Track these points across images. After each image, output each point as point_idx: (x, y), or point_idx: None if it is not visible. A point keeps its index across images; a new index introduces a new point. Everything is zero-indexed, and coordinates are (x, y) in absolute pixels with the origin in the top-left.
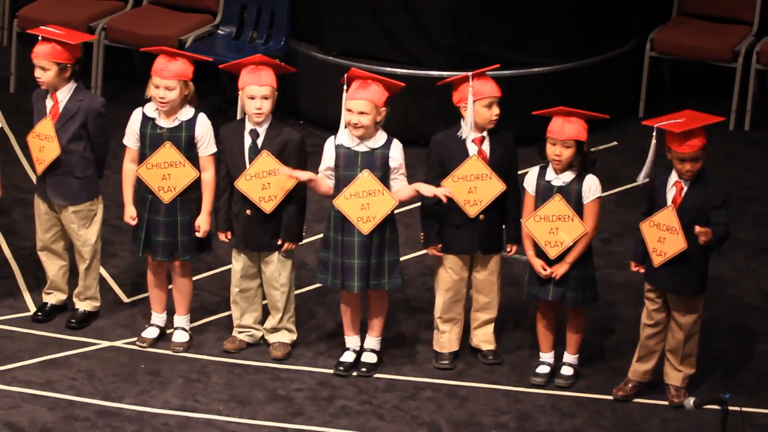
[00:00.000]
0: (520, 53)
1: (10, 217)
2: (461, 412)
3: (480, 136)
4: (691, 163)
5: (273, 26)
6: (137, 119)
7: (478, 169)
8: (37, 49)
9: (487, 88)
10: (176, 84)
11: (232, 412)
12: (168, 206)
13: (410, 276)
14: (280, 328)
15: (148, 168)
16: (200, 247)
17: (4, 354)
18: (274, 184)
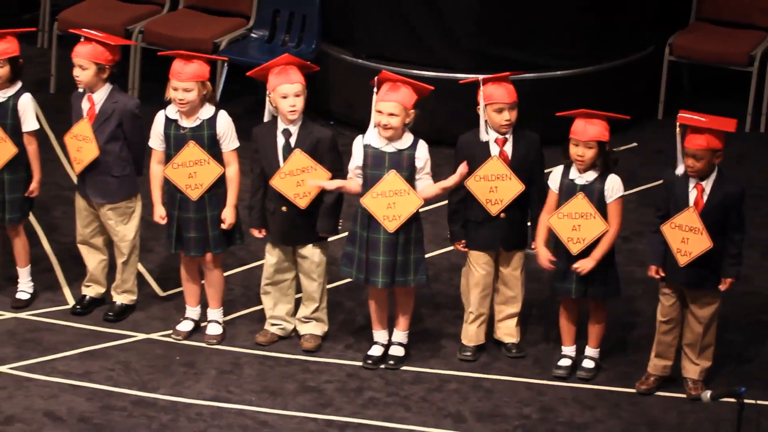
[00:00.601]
0: (544, 56)
1: (50, 214)
2: (485, 404)
3: (502, 137)
4: (693, 159)
5: (304, 30)
6: (160, 121)
7: (498, 170)
8: (77, 49)
9: (498, 93)
10: (194, 85)
11: (263, 403)
12: (196, 203)
13: (436, 272)
14: (313, 319)
15: (174, 168)
16: (230, 240)
17: (44, 345)
18: (308, 184)
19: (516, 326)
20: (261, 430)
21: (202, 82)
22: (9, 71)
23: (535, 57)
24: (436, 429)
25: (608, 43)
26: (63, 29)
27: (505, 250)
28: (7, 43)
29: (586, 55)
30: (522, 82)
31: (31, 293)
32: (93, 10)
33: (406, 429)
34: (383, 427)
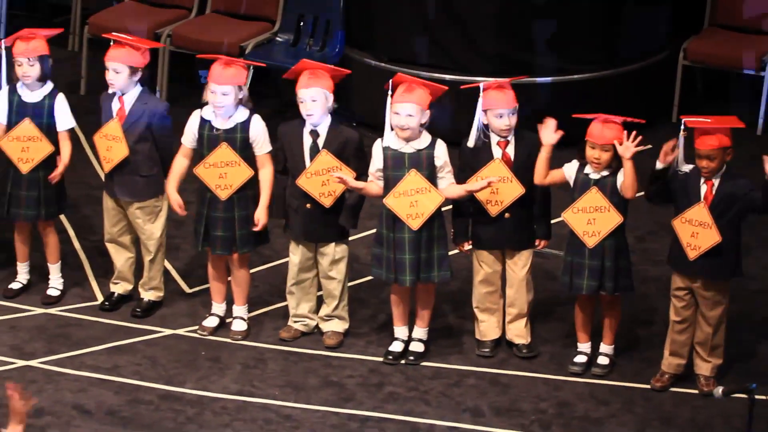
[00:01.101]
0: (561, 61)
1: (80, 212)
2: (503, 399)
3: (504, 139)
4: (707, 160)
5: (328, 34)
6: (195, 121)
7: (500, 172)
8: (111, 53)
9: (498, 99)
10: (231, 89)
11: (287, 397)
12: (225, 203)
13: (455, 269)
14: (334, 317)
15: (205, 167)
16: (257, 240)
17: (74, 340)
18: (333, 181)
19: (525, 327)
20: (284, 423)
21: (239, 86)
22: (40, 70)
23: (552, 61)
24: (454, 423)
25: (624, 48)
26: (93, 33)
27: (512, 250)
28: (36, 42)
29: (602, 59)
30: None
31: (61, 290)
32: (123, 15)
33: (426, 423)
34: (403, 421)
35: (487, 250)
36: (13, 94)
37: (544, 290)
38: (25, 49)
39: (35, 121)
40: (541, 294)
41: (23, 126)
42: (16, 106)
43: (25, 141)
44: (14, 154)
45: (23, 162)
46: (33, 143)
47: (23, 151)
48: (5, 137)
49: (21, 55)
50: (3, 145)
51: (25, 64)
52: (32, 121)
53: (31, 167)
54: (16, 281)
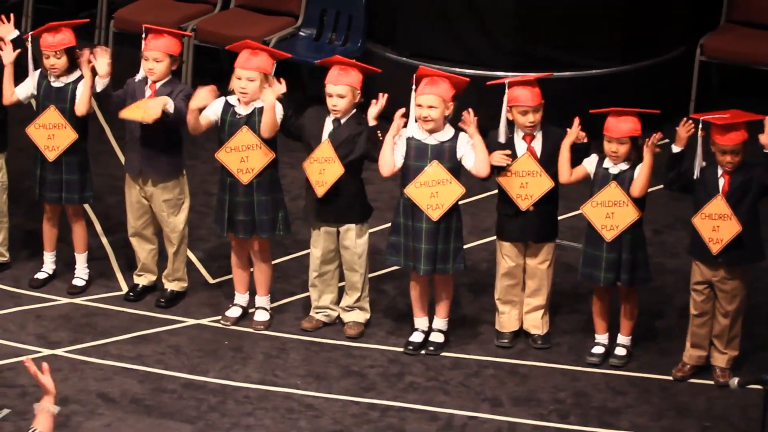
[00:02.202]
0: (579, 56)
1: (104, 203)
2: (522, 389)
3: (530, 134)
4: (732, 155)
5: (351, 29)
6: (220, 104)
7: (528, 166)
8: (151, 42)
9: (522, 96)
10: (257, 76)
11: (308, 386)
12: (245, 187)
13: (475, 261)
14: (355, 307)
15: (227, 152)
16: (274, 228)
17: (99, 330)
18: (327, 171)
19: (542, 318)
20: (306, 412)
21: (264, 75)
22: (66, 61)
23: (571, 56)
24: (474, 413)
25: (642, 44)
26: (119, 27)
27: (535, 242)
28: (63, 34)
29: (620, 55)
30: (558, 80)
31: (86, 280)
32: (148, 9)
33: (445, 412)
34: (423, 410)
35: (511, 242)
36: (42, 78)
37: (562, 282)
38: (51, 42)
39: (59, 105)
40: (560, 286)
41: (48, 113)
42: (43, 89)
43: (50, 128)
44: (41, 141)
45: (49, 150)
46: (58, 130)
47: (49, 138)
48: (32, 125)
49: (48, 48)
50: (30, 132)
51: (52, 57)
52: (56, 108)
53: (57, 155)
54: (42, 271)
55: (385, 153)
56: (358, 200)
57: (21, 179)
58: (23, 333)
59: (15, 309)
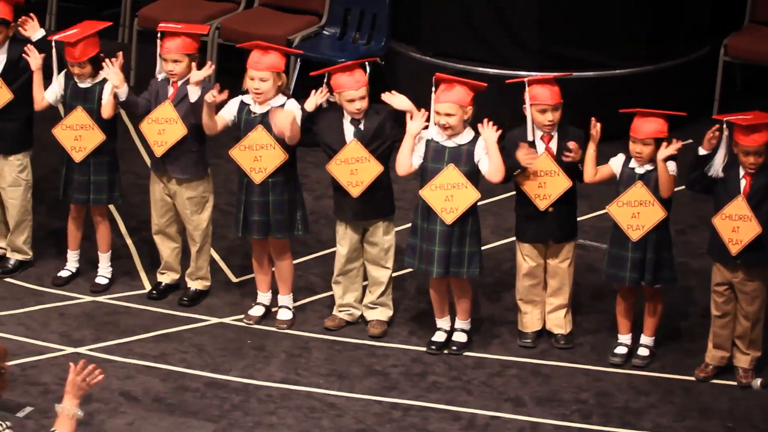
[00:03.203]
0: (603, 56)
1: (128, 202)
2: (544, 389)
3: (548, 134)
4: (755, 156)
5: (374, 28)
6: (236, 104)
7: (546, 166)
8: (168, 45)
9: (541, 94)
10: (269, 75)
11: (331, 386)
12: (260, 187)
13: (497, 261)
14: (379, 304)
15: (241, 150)
16: (291, 227)
17: (122, 328)
18: (361, 171)
19: (564, 317)
20: (328, 411)
21: (277, 73)
22: (91, 69)
23: (595, 56)
24: (496, 412)
25: (665, 44)
26: (143, 25)
27: (555, 243)
28: (85, 45)
29: (644, 55)
30: (582, 80)
31: (109, 278)
32: (172, 7)
33: (468, 412)
34: (445, 410)
35: (530, 243)
36: (69, 79)
37: (585, 282)
38: (75, 54)
39: (86, 106)
40: (583, 285)
41: (75, 114)
42: (70, 90)
43: (77, 129)
44: (68, 142)
45: (76, 151)
46: (85, 131)
47: (76, 139)
48: (59, 126)
49: (72, 59)
50: (57, 133)
51: (77, 67)
52: (84, 109)
53: (83, 156)
54: (65, 269)
55: (402, 152)
56: (386, 195)
57: (45, 177)
58: (46, 331)
59: (38, 307)
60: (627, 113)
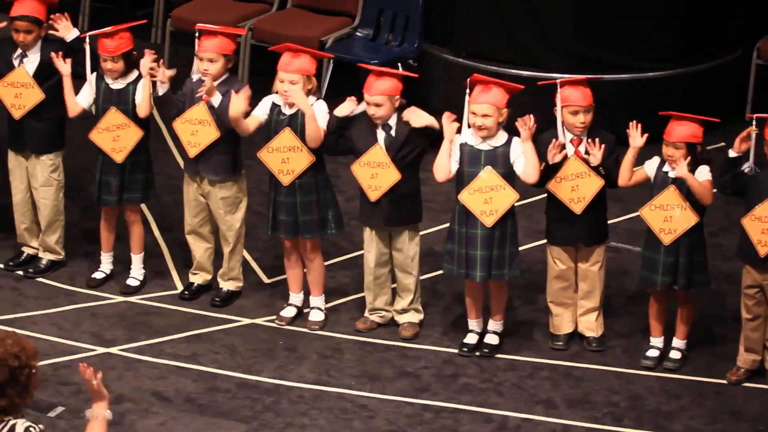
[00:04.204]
0: (635, 58)
1: (160, 202)
2: (576, 392)
3: (578, 137)
4: None
5: (407, 29)
6: (267, 104)
7: (577, 168)
8: (204, 44)
9: (573, 96)
10: (300, 78)
11: (362, 387)
12: (288, 187)
13: (530, 263)
14: (409, 309)
15: (269, 152)
16: (323, 227)
17: (153, 329)
18: (380, 176)
19: (596, 320)
20: (360, 413)
21: (307, 76)
22: (123, 65)
23: (628, 58)
24: (528, 415)
25: (698, 46)
26: (176, 26)
27: (585, 246)
28: (119, 39)
29: (676, 58)
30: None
31: (140, 280)
32: (205, 8)
33: (499, 414)
34: (477, 412)
35: (561, 246)
36: (100, 81)
37: (617, 285)
38: (109, 48)
39: (120, 107)
40: (615, 288)
41: (110, 116)
42: (102, 92)
43: (114, 130)
44: (106, 145)
45: (116, 152)
46: (123, 131)
47: (115, 140)
48: (95, 130)
49: (106, 53)
50: (94, 137)
51: (110, 61)
52: (118, 109)
53: (125, 156)
54: (99, 271)
55: (440, 158)
56: (412, 203)
57: (77, 178)
58: (78, 331)
59: (70, 307)
60: (664, 116)
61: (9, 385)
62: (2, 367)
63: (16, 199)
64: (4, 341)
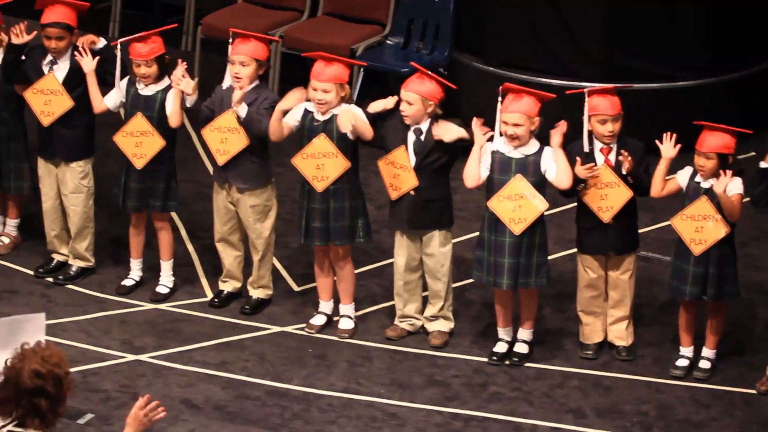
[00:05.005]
0: (667, 67)
1: (190, 210)
2: (605, 401)
3: (607, 146)
4: None
5: (438, 37)
6: (300, 111)
7: (607, 177)
8: (238, 47)
9: (601, 105)
10: (332, 87)
11: (392, 395)
12: (321, 194)
13: (560, 272)
14: (440, 317)
15: (303, 158)
16: (352, 234)
17: (183, 336)
18: (402, 178)
19: (626, 329)
20: (389, 421)
21: (340, 84)
22: (157, 69)
23: (659, 67)
24: (557, 424)
25: (729, 56)
26: (206, 33)
27: (616, 254)
28: (152, 43)
29: (707, 67)
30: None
31: (170, 288)
32: (236, 16)
33: (529, 423)
34: (506, 420)
35: (591, 255)
36: (131, 86)
37: (648, 294)
38: (142, 52)
39: (147, 114)
40: (645, 298)
41: (135, 121)
42: (131, 98)
43: (138, 136)
44: (128, 149)
45: (137, 157)
46: (145, 138)
47: (137, 146)
48: (119, 133)
49: (139, 57)
50: (118, 140)
51: (144, 66)
52: (144, 116)
53: (145, 162)
54: (129, 278)
55: (470, 164)
56: (443, 207)
57: (107, 184)
58: (107, 338)
59: (100, 314)
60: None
61: (56, 394)
62: (49, 379)
63: (46, 206)
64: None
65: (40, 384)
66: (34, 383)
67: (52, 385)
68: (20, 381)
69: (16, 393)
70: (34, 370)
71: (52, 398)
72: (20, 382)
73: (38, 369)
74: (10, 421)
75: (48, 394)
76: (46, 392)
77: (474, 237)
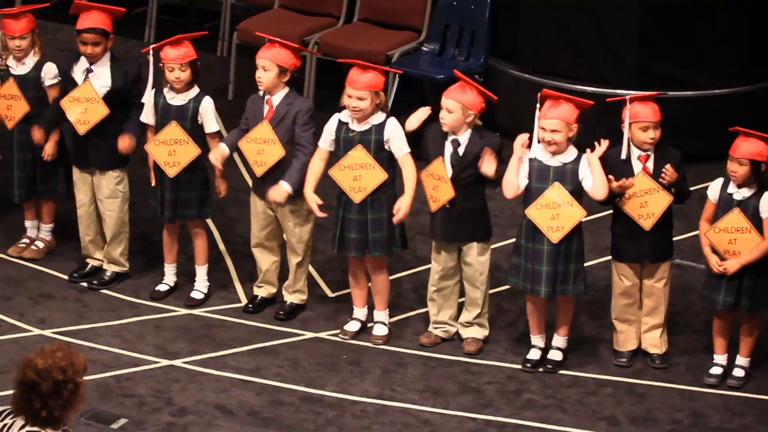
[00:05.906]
0: (701, 75)
1: (225, 215)
2: (639, 408)
3: (645, 154)
4: None
5: (473, 44)
6: (333, 123)
7: (645, 185)
8: (262, 51)
9: (643, 112)
10: (368, 94)
11: (425, 402)
12: (359, 205)
13: (595, 279)
14: (475, 324)
15: (340, 170)
16: (390, 244)
17: (217, 341)
18: (440, 190)
19: (660, 337)
20: (423, 428)
21: (375, 91)
22: (190, 74)
23: (694, 75)
24: (590, 431)
25: (765, 63)
26: (242, 39)
27: (651, 262)
28: (185, 47)
29: (743, 75)
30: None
31: (205, 293)
32: (272, 21)
33: (562, 431)
34: (540, 428)
35: (626, 263)
36: (158, 96)
37: (682, 302)
38: (176, 55)
39: (179, 123)
40: (680, 306)
41: (169, 129)
42: (161, 109)
43: (171, 144)
44: (161, 157)
45: (170, 166)
46: (179, 146)
47: (170, 155)
48: (152, 141)
49: (173, 61)
50: (150, 149)
51: (177, 70)
52: (178, 124)
53: (178, 171)
54: (163, 283)
55: (509, 175)
56: (481, 218)
57: (142, 190)
58: (141, 343)
59: (134, 319)
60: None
61: (51, 397)
62: (47, 379)
63: (81, 212)
64: (54, 353)
65: (35, 380)
66: (29, 378)
67: (48, 386)
68: (20, 371)
69: (17, 382)
70: (34, 366)
71: (46, 398)
72: (20, 372)
73: (38, 365)
74: (8, 412)
75: (41, 392)
76: (39, 390)
77: (509, 244)
